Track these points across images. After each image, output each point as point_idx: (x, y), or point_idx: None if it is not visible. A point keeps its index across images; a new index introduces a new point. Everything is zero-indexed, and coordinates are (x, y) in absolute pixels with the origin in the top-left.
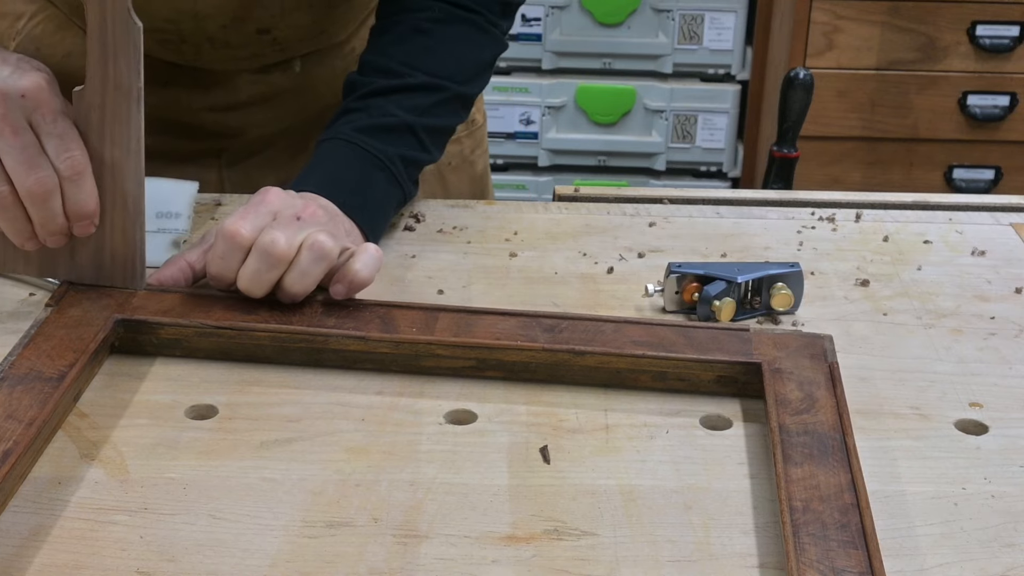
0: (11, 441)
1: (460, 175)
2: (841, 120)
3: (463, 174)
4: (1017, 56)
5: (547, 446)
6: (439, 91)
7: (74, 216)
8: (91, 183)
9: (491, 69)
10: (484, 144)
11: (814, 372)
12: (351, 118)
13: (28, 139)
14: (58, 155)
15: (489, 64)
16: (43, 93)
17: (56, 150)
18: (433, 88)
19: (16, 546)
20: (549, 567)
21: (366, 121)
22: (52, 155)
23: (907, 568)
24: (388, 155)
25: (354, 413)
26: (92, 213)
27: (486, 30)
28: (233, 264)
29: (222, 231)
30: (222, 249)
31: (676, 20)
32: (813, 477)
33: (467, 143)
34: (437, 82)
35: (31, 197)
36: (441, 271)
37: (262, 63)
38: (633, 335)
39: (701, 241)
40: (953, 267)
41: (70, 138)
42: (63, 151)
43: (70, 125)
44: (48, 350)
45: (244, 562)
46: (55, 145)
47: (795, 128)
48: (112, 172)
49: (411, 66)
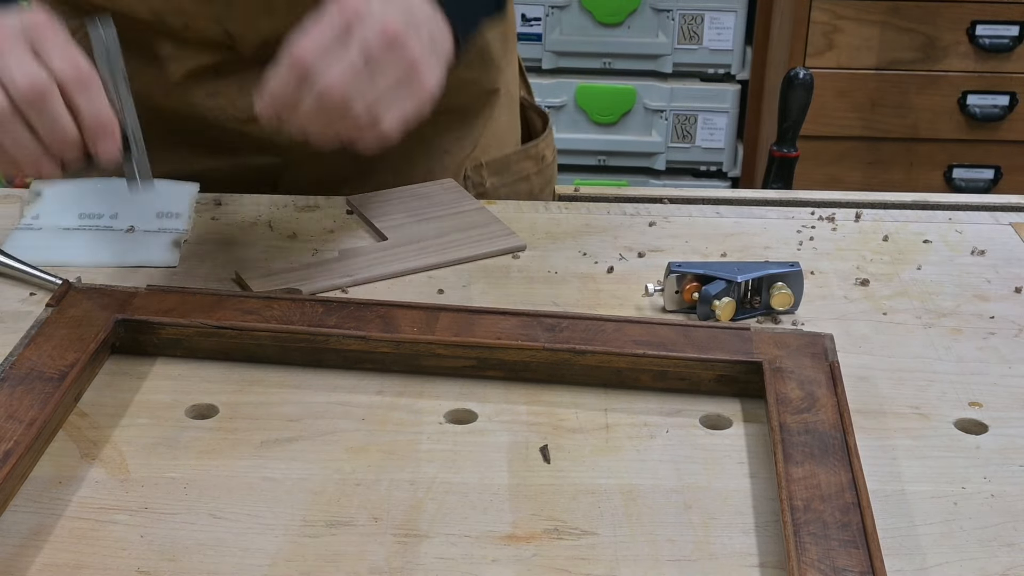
0: (12, 441)
1: None
2: (841, 120)
3: None
4: (1017, 56)
5: (547, 445)
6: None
7: (89, 133)
8: (99, 94)
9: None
10: (553, 183)
11: (815, 371)
12: None
13: (21, 51)
14: (60, 63)
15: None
16: (41, 18)
17: (58, 60)
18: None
19: (17, 546)
20: (549, 566)
21: None
22: (55, 64)
23: (907, 567)
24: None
25: (354, 413)
26: (108, 123)
27: None
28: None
29: (289, 55)
30: (285, 74)
31: (676, 20)
32: (814, 476)
33: (536, 181)
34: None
35: (28, 103)
36: (441, 270)
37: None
38: (633, 334)
39: (701, 241)
40: (953, 267)
41: (71, 49)
42: (66, 58)
43: (72, 43)
44: (49, 350)
45: (244, 561)
46: (57, 55)
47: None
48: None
49: None
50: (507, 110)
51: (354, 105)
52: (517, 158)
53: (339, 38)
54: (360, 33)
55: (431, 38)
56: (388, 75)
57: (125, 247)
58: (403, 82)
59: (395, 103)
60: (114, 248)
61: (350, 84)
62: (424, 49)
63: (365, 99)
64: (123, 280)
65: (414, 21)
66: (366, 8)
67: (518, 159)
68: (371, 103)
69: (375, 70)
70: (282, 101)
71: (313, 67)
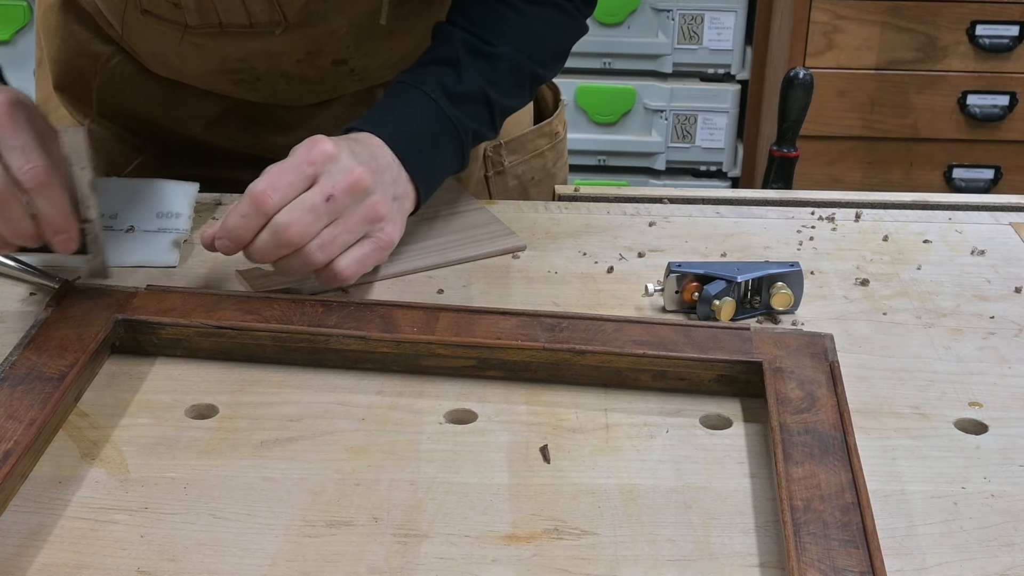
0: (12, 441)
1: (541, 188)
2: (841, 120)
3: (544, 187)
4: (1017, 56)
5: (547, 445)
6: (519, 69)
7: (47, 231)
8: (58, 196)
9: (567, 55)
10: (565, 156)
11: (815, 371)
12: (441, 73)
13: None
14: (20, 166)
15: (567, 49)
16: (2, 109)
17: (17, 161)
18: (514, 63)
19: (17, 545)
20: (549, 566)
21: (455, 86)
22: (14, 166)
23: (907, 567)
24: (465, 127)
25: (354, 413)
26: (64, 228)
27: (571, 15)
28: (252, 227)
29: (251, 191)
30: (245, 209)
31: (676, 20)
32: (814, 476)
33: (550, 156)
34: (519, 58)
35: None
36: (441, 270)
37: (340, 93)
38: (633, 334)
39: (701, 241)
40: (953, 267)
41: (31, 149)
42: (25, 162)
43: (33, 138)
44: (49, 350)
45: (244, 561)
46: (16, 156)
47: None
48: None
49: (496, 35)
50: None
51: (309, 244)
52: (532, 136)
53: (304, 178)
54: (326, 177)
55: (395, 195)
56: (349, 221)
57: (125, 247)
58: (364, 230)
59: (355, 249)
60: (114, 248)
61: (307, 223)
62: (388, 202)
63: (322, 240)
64: (123, 280)
65: (381, 175)
66: (335, 152)
67: (533, 137)
68: (326, 243)
69: (336, 214)
70: (238, 234)
71: (273, 203)
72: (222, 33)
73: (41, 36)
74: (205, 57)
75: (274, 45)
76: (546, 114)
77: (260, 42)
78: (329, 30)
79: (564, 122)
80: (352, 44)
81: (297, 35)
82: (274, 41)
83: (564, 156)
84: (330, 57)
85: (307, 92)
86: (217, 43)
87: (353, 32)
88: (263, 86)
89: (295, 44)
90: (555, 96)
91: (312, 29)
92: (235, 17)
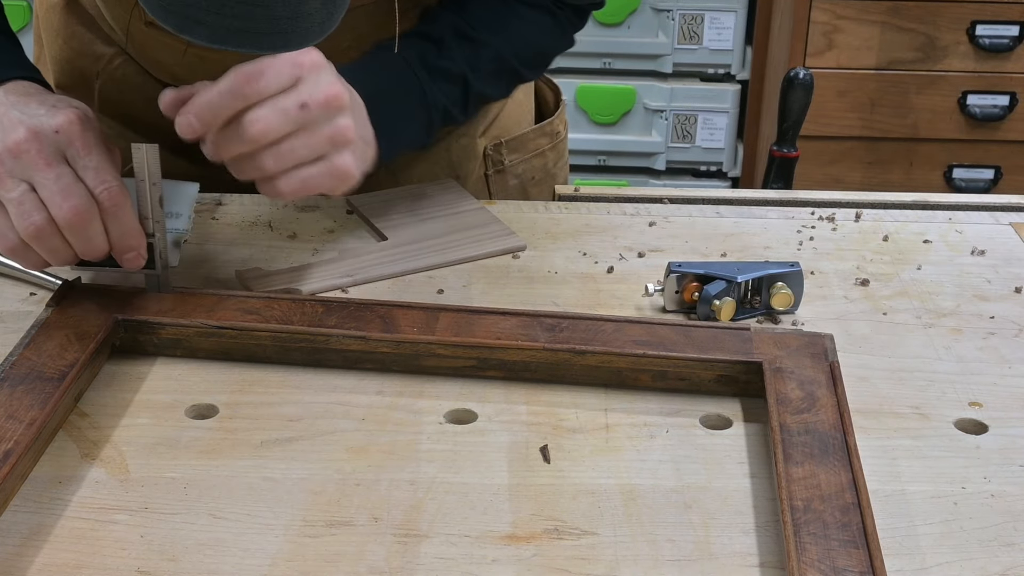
0: (12, 441)
1: (542, 188)
2: (841, 120)
3: (545, 187)
4: (1017, 56)
5: (547, 445)
6: (502, 61)
7: (117, 249)
8: (130, 215)
9: (550, 62)
10: (565, 156)
11: (815, 371)
12: (423, 47)
13: (62, 170)
14: (96, 186)
15: (551, 56)
16: (75, 127)
17: (93, 181)
18: (498, 54)
19: (17, 545)
20: (549, 566)
21: (434, 60)
22: (90, 185)
23: (907, 567)
24: (437, 103)
25: (354, 413)
26: (135, 246)
27: (562, 25)
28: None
29: (237, 69)
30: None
31: (676, 20)
32: (814, 476)
33: (550, 156)
34: (504, 51)
35: (69, 226)
36: (441, 270)
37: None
38: (633, 334)
39: (701, 241)
40: (953, 267)
41: (105, 170)
42: (100, 183)
43: (105, 158)
44: (49, 350)
45: (244, 561)
46: (92, 176)
47: (795, 128)
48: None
49: (486, 26)
50: (523, 88)
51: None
52: (533, 135)
53: (289, 78)
54: (306, 84)
55: (363, 135)
56: (313, 137)
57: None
58: (324, 150)
59: (304, 168)
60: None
61: (274, 124)
62: (356, 133)
63: (279, 149)
64: (123, 280)
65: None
66: (323, 64)
67: (534, 136)
68: (283, 153)
69: (304, 124)
70: (213, 112)
71: (256, 87)
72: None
73: (42, 35)
74: (209, 69)
75: None
76: (547, 114)
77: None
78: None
79: (565, 122)
80: (355, 57)
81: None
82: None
83: (565, 156)
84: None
85: None
86: (220, 56)
87: (356, 46)
88: None
89: None
90: (556, 96)
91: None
92: None
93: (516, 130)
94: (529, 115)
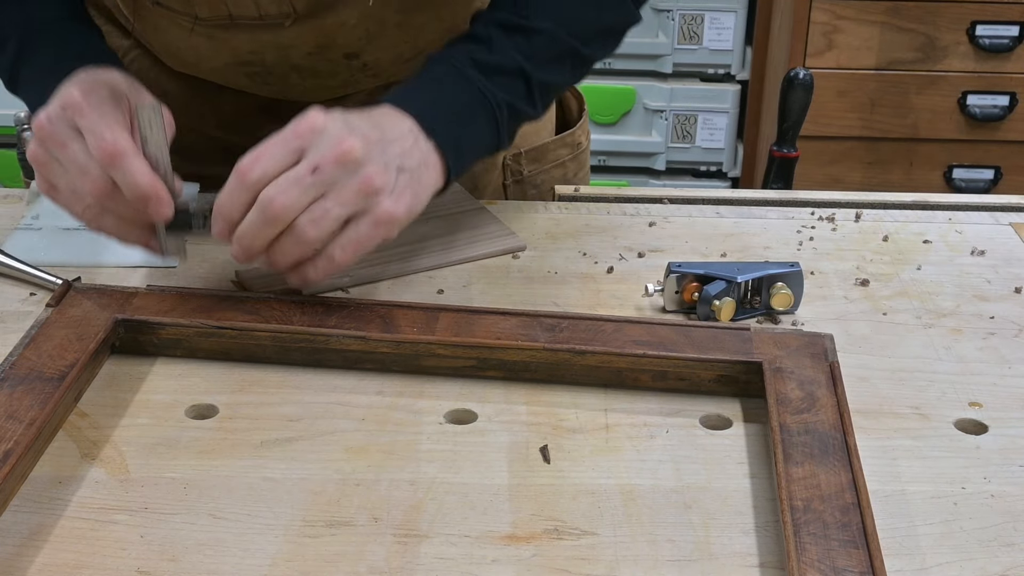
0: (12, 441)
1: None
2: (841, 120)
3: None
4: (1017, 56)
5: (547, 446)
6: (559, 43)
7: (135, 202)
8: (133, 163)
9: (615, 36)
10: (586, 167)
11: (815, 371)
12: (472, 48)
13: (76, 147)
14: (93, 149)
15: (612, 29)
16: (74, 98)
17: (92, 146)
18: (553, 38)
19: (17, 546)
20: (549, 567)
21: (485, 57)
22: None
23: (907, 567)
24: (498, 100)
25: (354, 413)
26: (145, 194)
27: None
28: (238, 203)
29: (236, 165)
30: (231, 183)
31: (676, 20)
32: (814, 476)
33: (571, 166)
34: (559, 33)
35: (100, 201)
36: (441, 270)
37: (355, 89)
38: (633, 335)
39: (701, 241)
40: (953, 267)
41: (101, 126)
42: (95, 144)
43: (100, 115)
44: (49, 350)
45: (244, 562)
46: (91, 142)
47: (795, 128)
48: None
49: (535, 10)
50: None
51: (299, 219)
52: (554, 146)
53: (291, 152)
54: (313, 150)
55: (403, 166)
56: (341, 194)
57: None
58: (359, 204)
59: (350, 230)
60: (114, 248)
61: (293, 195)
62: (387, 175)
63: (312, 214)
64: (123, 280)
65: (384, 146)
66: (323, 125)
67: (555, 147)
68: (318, 218)
69: (326, 187)
70: (227, 211)
71: (255, 174)
72: (232, 25)
73: None
74: (217, 50)
75: (284, 38)
76: (571, 123)
77: (270, 34)
78: (339, 22)
79: (587, 132)
80: (363, 37)
81: (307, 27)
82: (284, 33)
83: (586, 167)
84: (341, 51)
85: (320, 87)
86: (228, 35)
87: (363, 25)
88: (275, 79)
89: (305, 36)
90: (580, 105)
91: (321, 21)
92: (244, 9)
93: (536, 140)
94: (550, 124)
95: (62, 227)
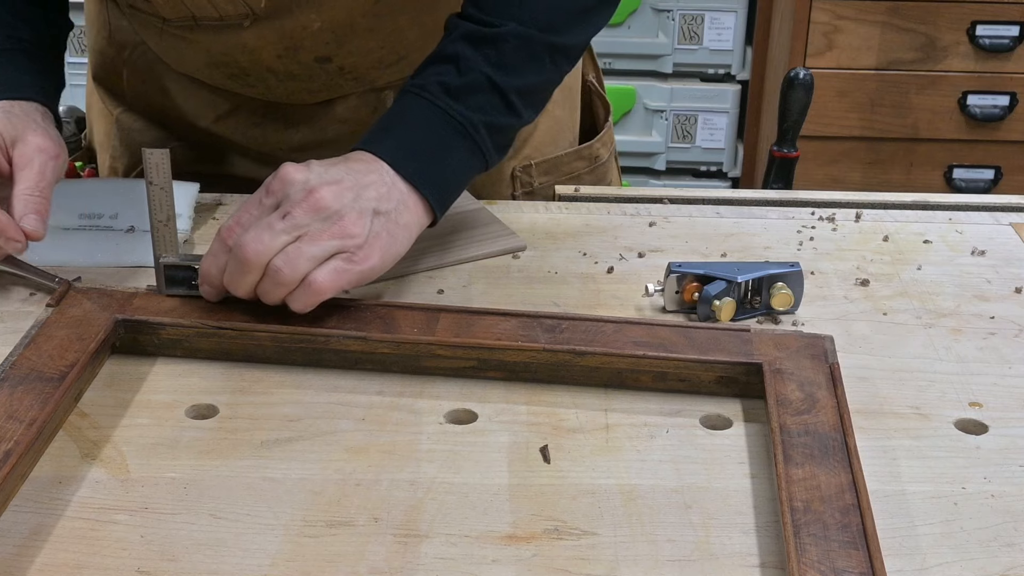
0: (12, 441)
1: None
2: (841, 120)
3: None
4: (1017, 56)
5: (547, 446)
6: (529, 43)
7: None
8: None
9: (594, 15)
10: (606, 180)
11: (815, 373)
12: (440, 71)
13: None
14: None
15: (589, 9)
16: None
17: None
18: (522, 39)
19: (17, 546)
20: (549, 567)
21: (454, 80)
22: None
23: (907, 568)
24: (472, 122)
25: (354, 413)
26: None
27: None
28: (220, 264)
29: (219, 230)
30: (213, 247)
31: (676, 20)
32: (814, 477)
33: (587, 180)
34: (527, 32)
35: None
36: (441, 270)
37: (339, 93)
38: (633, 335)
39: (701, 241)
40: (953, 267)
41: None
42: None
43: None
44: (49, 350)
45: (244, 562)
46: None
47: (795, 128)
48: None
49: (499, 13)
50: (564, 105)
51: (273, 260)
52: (569, 158)
53: (266, 209)
54: (285, 201)
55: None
56: (316, 237)
57: (125, 247)
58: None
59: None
60: (114, 248)
61: (264, 240)
62: (362, 220)
63: (287, 255)
64: (123, 280)
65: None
66: (294, 177)
67: (570, 159)
68: (292, 257)
69: (300, 231)
70: (210, 273)
71: (235, 236)
72: (197, 27)
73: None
74: (192, 50)
75: (248, 39)
76: (596, 129)
77: (233, 36)
78: (300, 24)
79: (610, 143)
80: (331, 41)
81: (268, 28)
82: (246, 35)
83: (605, 181)
84: (311, 54)
85: (301, 90)
86: (195, 36)
87: (329, 28)
88: (256, 81)
89: (268, 38)
90: (606, 112)
91: (281, 23)
92: (203, 10)
93: (551, 151)
94: (570, 134)
95: (62, 227)
